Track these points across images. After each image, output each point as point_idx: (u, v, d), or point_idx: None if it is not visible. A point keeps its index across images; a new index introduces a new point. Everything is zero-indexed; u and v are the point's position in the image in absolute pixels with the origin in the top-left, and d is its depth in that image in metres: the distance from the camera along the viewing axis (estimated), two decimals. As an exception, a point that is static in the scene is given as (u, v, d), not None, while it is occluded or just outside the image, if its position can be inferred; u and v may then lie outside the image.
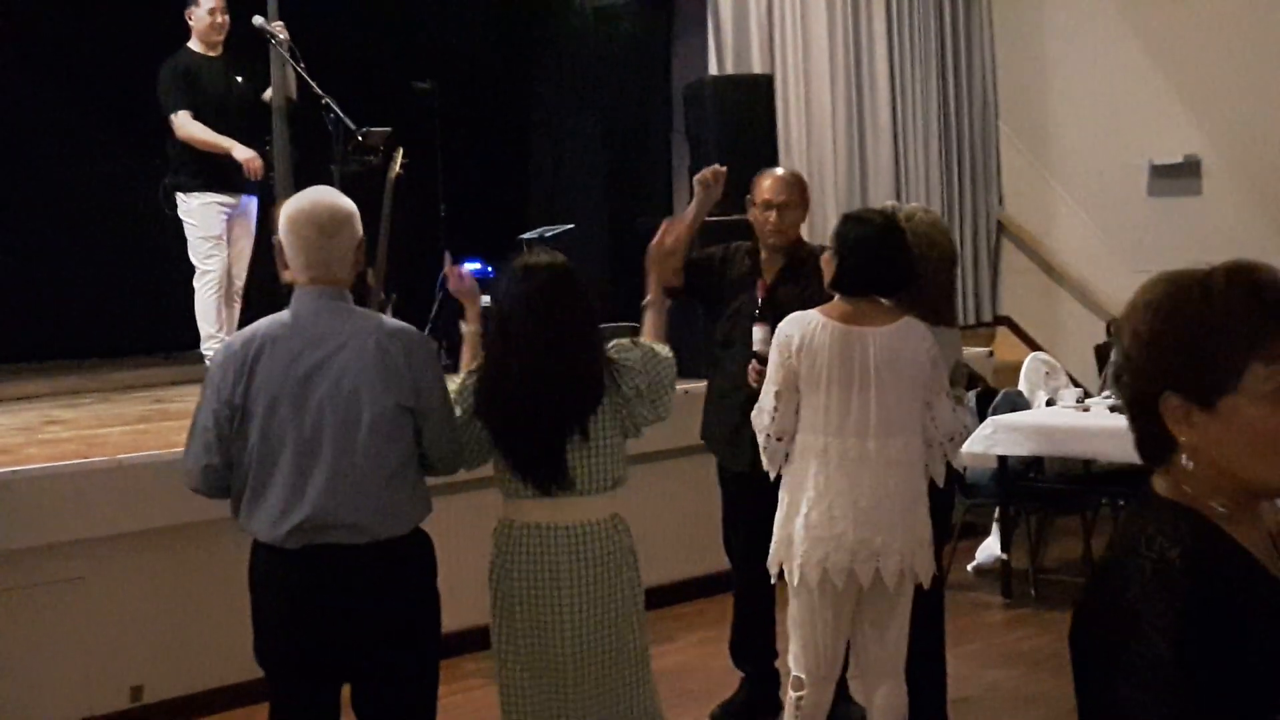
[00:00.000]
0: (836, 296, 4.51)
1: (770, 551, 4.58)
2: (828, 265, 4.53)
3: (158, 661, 5.88)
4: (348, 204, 3.85)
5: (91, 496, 5.62)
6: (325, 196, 3.87)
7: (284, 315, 3.77)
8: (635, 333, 9.13)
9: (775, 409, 4.49)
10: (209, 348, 7.41)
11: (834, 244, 4.55)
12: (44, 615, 5.62)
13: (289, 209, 3.81)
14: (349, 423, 3.66)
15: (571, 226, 9.37)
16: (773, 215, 5.48)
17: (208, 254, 7.38)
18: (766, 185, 5.56)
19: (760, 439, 4.57)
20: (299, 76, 7.19)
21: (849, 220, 4.62)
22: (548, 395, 3.89)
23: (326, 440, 3.64)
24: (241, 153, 7.28)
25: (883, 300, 4.52)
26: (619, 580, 4.01)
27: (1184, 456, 2.03)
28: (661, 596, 7.21)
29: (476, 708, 6.00)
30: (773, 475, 4.59)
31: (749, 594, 5.55)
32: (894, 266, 4.50)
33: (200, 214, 7.38)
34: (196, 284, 7.41)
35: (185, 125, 7.31)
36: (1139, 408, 2.04)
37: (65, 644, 5.67)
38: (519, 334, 3.90)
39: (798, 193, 5.57)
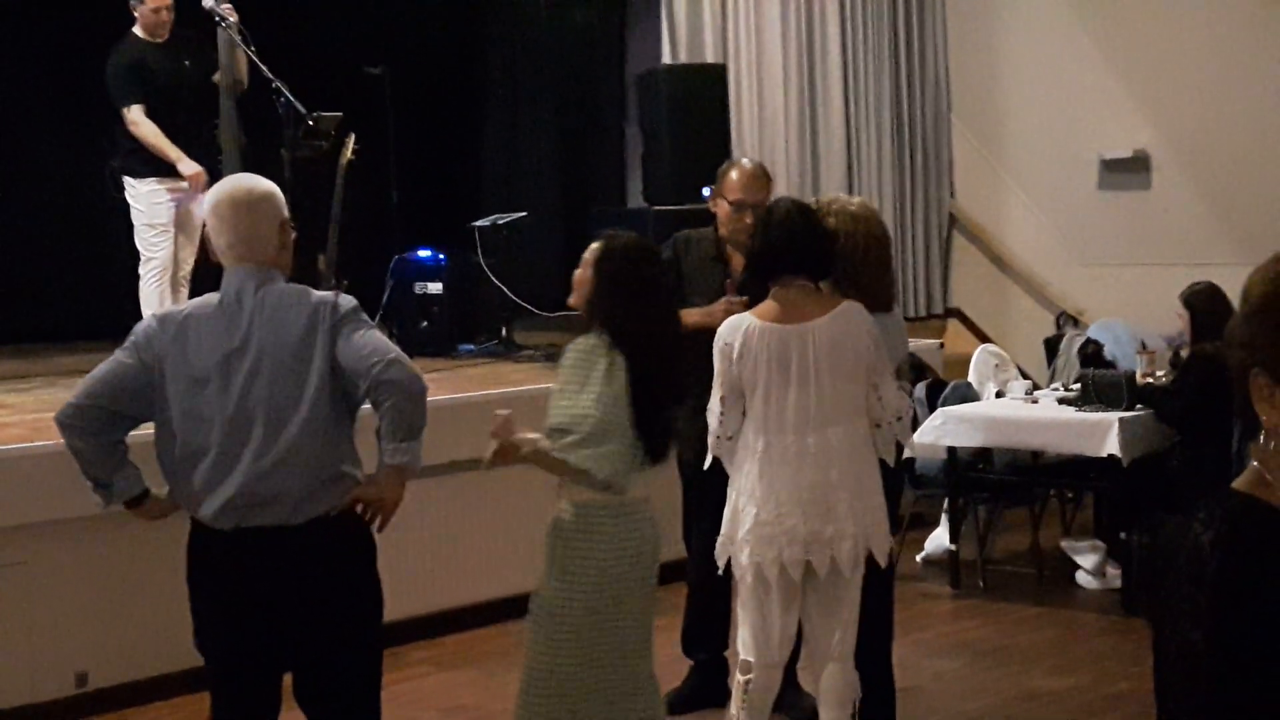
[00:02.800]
0: (770, 294, 4.51)
1: (717, 545, 4.60)
2: (726, 229, 4.65)
3: (102, 648, 5.83)
4: (266, 184, 3.89)
5: (35, 481, 5.56)
6: (244, 179, 3.97)
7: (213, 295, 3.81)
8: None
9: (721, 412, 4.55)
10: None
11: (752, 233, 4.61)
12: (-13, 601, 5.57)
13: (210, 194, 3.89)
14: (277, 398, 3.65)
15: (525, 214, 9.35)
16: (748, 216, 5.27)
17: (153, 242, 7.31)
18: (739, 183, 5.41)
19: (710, 440, 4.59)
20: (249, 59, 7.13)
21: (760, 209, 4.77)
22: (675, 364, 4.16)
23: (255, 416, 3.64)
24: (188, 168, 7.18)
25: (811, 284, 4.53)
26: (653, 560, 4.18)
27: (1263, 436, 1.96)
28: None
29: (423, 695, 5.99)
30: (729, 469, 4.62)
31: (706, 585, 5.52)
32: (812, 244, 4.53)
33: (147, 200, 7.30)
34: (141, 271, 7.33)
35: (139, 123, 7.20)
36: (1238, 377, 1.98)
37: (8, 629, 5.62)
38: (651, 306, 4.11)
39: (768, 188, 5.49)
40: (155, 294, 7.30)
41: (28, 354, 8.84)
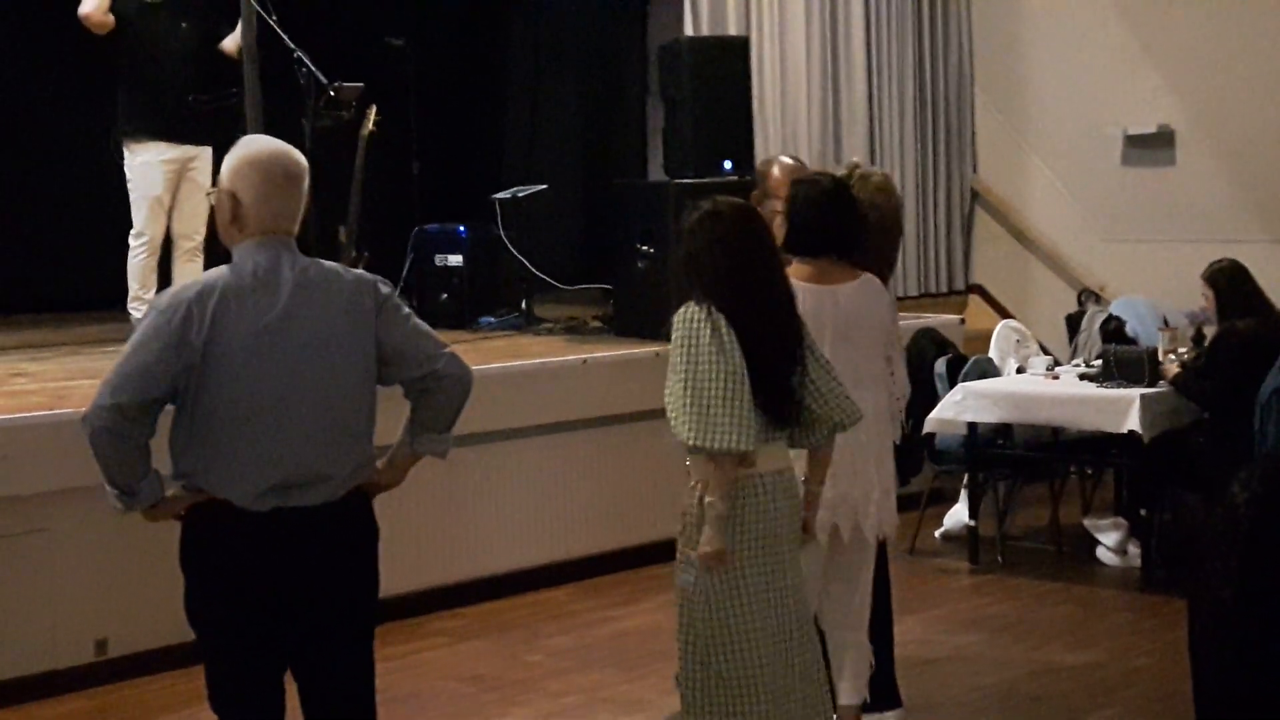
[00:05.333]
0: (795, 260, 4.51)
1: None
2: (779, 229, 4.55)
3: (122, 615, 5.85)
4: (301, 156, 3.77)
5: (57, 448, 5.57)
6: (283, 145, 3.75)
7: (242, 267, 3.58)
8: (608, 294, 9.07)
9: None
10: (135, 307, 7.32)
11: (785, 207, 4.59)
12: (7, 567, 5.60)
13: (250, 156, 3.64)
14: (327, 376, 3.57)
15: (545, 187, 9.34)
16: None
17: (144, 214, 7.26)
18: (784, 180, 5.24)
19: None
20: (270, 29, 7.09)
21: (799, 184, 4.70)
22: (788, 326, 3.98)
23: (304, 394, 3.55)
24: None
25: (836, 259, 4.54)
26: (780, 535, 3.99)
27: None
28: (631, 559, 7.22)
29: (440, 665, 6.01)
30: None
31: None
32: (845, 225, 4.55)
33: (141, 171, 7.22)
34: (131, 242, 7.28)
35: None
36: None
37: (29, 596, 5.64)
38: (758, 268, 3.94)
39: None
40: (140, 268, 7.29)
41: (49, 322, 8.87)
